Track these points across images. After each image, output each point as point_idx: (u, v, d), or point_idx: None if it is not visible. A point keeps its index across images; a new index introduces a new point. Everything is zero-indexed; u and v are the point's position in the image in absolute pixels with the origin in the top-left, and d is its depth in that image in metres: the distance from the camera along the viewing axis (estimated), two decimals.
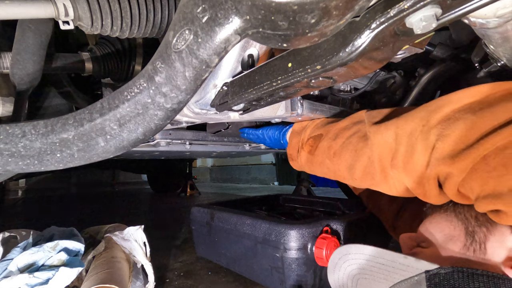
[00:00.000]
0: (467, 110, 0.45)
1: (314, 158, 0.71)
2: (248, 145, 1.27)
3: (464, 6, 0.29)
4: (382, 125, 0.55)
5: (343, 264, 0.54)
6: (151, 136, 0.45)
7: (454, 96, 0.47)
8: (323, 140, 0.69)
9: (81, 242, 0.81)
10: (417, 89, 0.92)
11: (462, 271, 0.40)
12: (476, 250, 0.45)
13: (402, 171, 0.51)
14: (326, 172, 0.70)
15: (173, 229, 1.80)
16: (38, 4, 0.45)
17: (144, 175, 4.69)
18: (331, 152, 0.66)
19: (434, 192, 0.49)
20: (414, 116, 0.50)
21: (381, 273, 0.48)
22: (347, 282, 0.53)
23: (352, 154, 0.60)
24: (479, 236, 0.45)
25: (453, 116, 0.45)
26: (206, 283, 1.00)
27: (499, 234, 0.44)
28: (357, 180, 0.61)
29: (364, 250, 0.51)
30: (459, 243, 0.47)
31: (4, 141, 0.42)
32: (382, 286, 0.47)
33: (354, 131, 0.62)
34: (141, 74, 0.41)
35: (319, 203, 1.31)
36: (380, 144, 0.54)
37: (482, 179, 0.40)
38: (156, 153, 1.25)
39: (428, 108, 0.49)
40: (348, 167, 0.62)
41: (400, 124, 0.52)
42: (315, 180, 4.05)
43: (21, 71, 0.61)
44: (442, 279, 0.40)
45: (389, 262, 0.47)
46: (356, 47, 0.34)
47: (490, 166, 0.39)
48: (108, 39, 0.82)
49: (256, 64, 0.54)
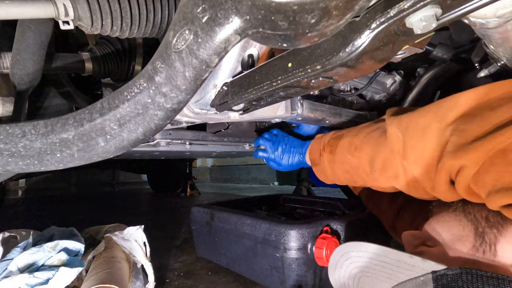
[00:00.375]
0: (483, 107, 0.44)
1: (336, 156, 0.72)
2: (248, 145, 1.27)
3: (464, 6, 0.29)
4: (397, 118, 0.56)
5: (345, 262, 0.53)
6: (151, 136, 0.45)
7: (470, 94, 0.46)
8: (344, 138, 0.71)
9: (81, 242, 0.81)
10: (417, 89, 0.92)
11: (471, 272, 0.38)
12: (486, 251, 0.43)
13: (413, 161, 0.52)
14: (348, 169, 0.71)
15: (173, 229, 1.80)
16: (38, 4, 0.45)
17: (144, 175, 4.69)
18: (352, 147, 0.67)
19: (443, 187, 0.48)
20: (427, 111, 0.51)
21: (385, 271, 0.46)
22: (349, 281, 0.52)
23: (373, 146, 0.62)
24: (489, 237, 0.43)
25: (468, 114, 0.45)
26: (206, 283, 1.00)
27: (510, 236, 0.42)
28: (377, 172, 0.61)
29: (367, 248, 0.50)
30: (468, 244, 0.45)
31: (4, 141, 0.42)
32: (385, 285, 0.46)
33: (377, 127, 0.64)
34: (141, 74, 0.41)
35: (319, 203, 1.31)
36: (395, 136, 0.55)
37: (498, 173, 0.38)
38: (156, 153, 1.25)
39: (442, 105, 0.49)
40: (369, 160, 0.63)
41: (413, 117, 0.53)
42: (315, 180, 4.06)
43: (21, 71, 0.61)
44: (449, 281, 0.38)
45: (393, 261, 0.46)
46: (356, 47, 0.34)
47: (508, 159, 0.37)
48: (108, 39, 0.82)
49: (256, 64, 0.54)
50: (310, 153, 0.83)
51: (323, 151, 0.77)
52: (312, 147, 0.83)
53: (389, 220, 0.87)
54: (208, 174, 7.63)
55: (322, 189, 4.05)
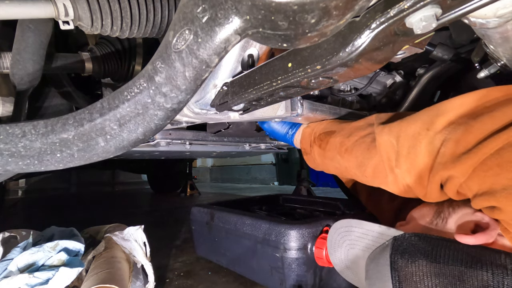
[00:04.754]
0: (469, 115, 0.47)
1: (326, 153, 0.73)
2: (248, 145, 1.27)
3: (464, 6, 0.29)
4: (387, 126, 0.58)
5: (340, 240, 0.64)
6: (151, 136, 0.45)
7: (456, 101, 0.49)
8: (335, 136, 0.71)
9: (81, 242, 0.81)
10: (417, 89, 0.92)
11: (419, 235, 0.50)
12: (439, 223, 0.54)
13: (406, 171, 0.54)
14: (338, 167, 0.72)
15: (173, 229, 1.80)
16: (38, 4, 0.45)
17: (144, 175, 4.69)
18: (343, 149, 0.68)
19: (436, 194, 0.53)
20: (416, 119, 0.53)
21: (363, 242, 0.58)
22: (343, 255, 0.63)
23: (364, 152, 0.62)
24: (444, 214, 0.55)
25: (456, 121, 0.48)
26: (206, 283, 1.00)
27: (461, 213, 0.52)
28: (368, 178, 0.64)
29: (350, 223, 0.63)
30: (427, 219, 0.57)
31: (4, 141, 0.42)
32: (364, 253, 0.58)
33: (369, 132, 0.64)
34: (141, 74, 0.41)
35: (319, 203, 1.31)
36: (385, 145, 0.57)
37: (480, 179, 0.44)
38: (156, 153, 1.25)
39: (431, 112, 0.51)
40: (358, 165, 0.64)
41: (403, 126, 0.54)
42: (315, 180, 4.05)
43: (21, 71, 0.61)
44: (402, 241, 0.50)
45: (368, 231, 0.58)
46: (356, 47, 0.34)
47: (487, 166, 0.43)
48: (108, 39, 0.82)
49: (256, 64, 0.54)
50: (301, 142, 0.83)
51: (313, 143, 0.78)
52: (304, 136, 0.82)
53: (388, 220, 0.87)
54: (208, 174, 7.63)
55: (322, 189, 4.05)
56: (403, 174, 0.55)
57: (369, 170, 0.62)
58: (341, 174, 0.75)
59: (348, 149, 0.66)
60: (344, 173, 0.72)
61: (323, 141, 0.75)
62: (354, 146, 0.65)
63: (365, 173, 0.63)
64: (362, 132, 0.65)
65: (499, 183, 0.41)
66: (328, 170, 0.77)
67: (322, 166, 0.78)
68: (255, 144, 1.28)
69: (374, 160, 0.60)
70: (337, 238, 0.65)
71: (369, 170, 0.62)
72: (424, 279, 0.45)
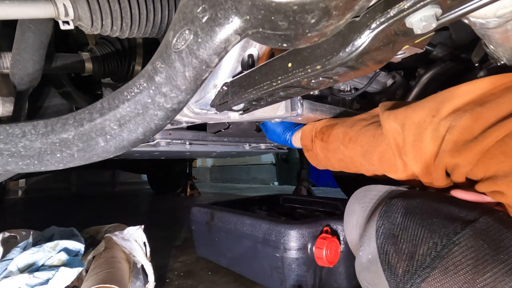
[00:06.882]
0: (476, 102, 0.47)
1: (328, 145, 0.73)
2: (248, 145, 1.27)
3: (464, 6, 0.29)
4: (392, 112, 0.57)
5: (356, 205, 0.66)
6: (151, 136, 0.45)
7: (464, 88, 0.49)
8: (338, 128, 0.71)
9: (81, 242, 0.81)
10: (417, 89, 0.92)
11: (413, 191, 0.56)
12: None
13: (412, 159, 0.54)
14: (342, 158, 0.71)
15: (173, 229, 1.80)
16: (38, 4, 0.45)
17: (144, 175, 4.69)
18: (347, 138, 0.67)
19: (441, 181, 0.53)
20: (422, 106, 0.52)
21: (370, 201, 0.61)
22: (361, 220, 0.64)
23: (369, 140, 0.62)
24: None
25: (462, 108, 0.47)
26: (206, 283, 1.00)
27: None
28: (375, 166, 0.63)
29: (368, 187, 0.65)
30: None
31: (4, 141, 0.42)
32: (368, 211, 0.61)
33: (373, 121, 0.64)
34: (141, 74, 0.41)
35: (319, 203, 1.31)
36: (392, 131, 0.56)
37: (484, 166, 0.44)
38: (156, 153, 1.25)
39: (437, 99, 0.51)
40: (364, 153, 0.63)
41: (408, 113, 0.54)
42: (315, 180, 4.06)
43: (21, 71, 0.61)
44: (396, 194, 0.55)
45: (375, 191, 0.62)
46: (356, 47, 0.34)
47: (492, 154, 0.43)
48: (108, 39, 0.82)
49: (256, 64, 0.54)
50: (302, 139, 0.83)
51: (315, 137, 0.77)
52: (304, 132, 0.82)
53: None
54: (208, 174, 7.63)
55: (322, 189, 4.06)
56: (410, 162, 0.55)
57: (376, 157, 0.61)
58: (345, 166, 0.73)
59: (352, 138, 0.66)
60: (349, 164, 0.71)
61: (325, 134, 0.74)
62: (358, 134, 0.65)
63: (371, 161, 0.63)
64: (365, 122, 0.65)
65: (502, 170, 0.42)
66: (332, 164, 0.76)
67: (324, 161, 0.77)
68: (255, 144, 1.28)
69: (380, 147, 0.60)
70: (354, 203, 0.66)
71: (376, 158, 0.61)
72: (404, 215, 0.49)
